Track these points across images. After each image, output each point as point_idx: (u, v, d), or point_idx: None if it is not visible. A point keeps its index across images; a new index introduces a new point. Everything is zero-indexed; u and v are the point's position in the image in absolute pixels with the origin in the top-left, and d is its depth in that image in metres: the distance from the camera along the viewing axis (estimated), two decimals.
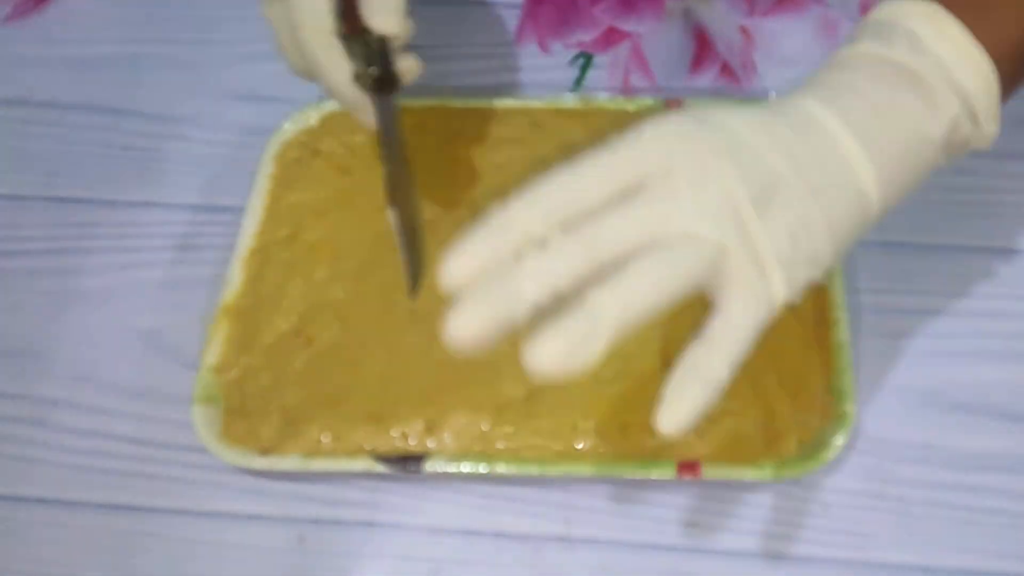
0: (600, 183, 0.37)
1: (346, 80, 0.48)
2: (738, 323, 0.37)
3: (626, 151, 0.37)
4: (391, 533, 0.50)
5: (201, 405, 0.52)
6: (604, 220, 0.36)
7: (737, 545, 0.49)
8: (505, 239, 0.36)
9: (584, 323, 0.35)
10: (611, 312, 0.35)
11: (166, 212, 0.60)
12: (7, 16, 0.70)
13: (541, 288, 0.35)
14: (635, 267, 0.35)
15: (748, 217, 0.37)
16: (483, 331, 0.35)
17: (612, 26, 0.67)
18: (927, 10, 0.41)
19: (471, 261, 0.36)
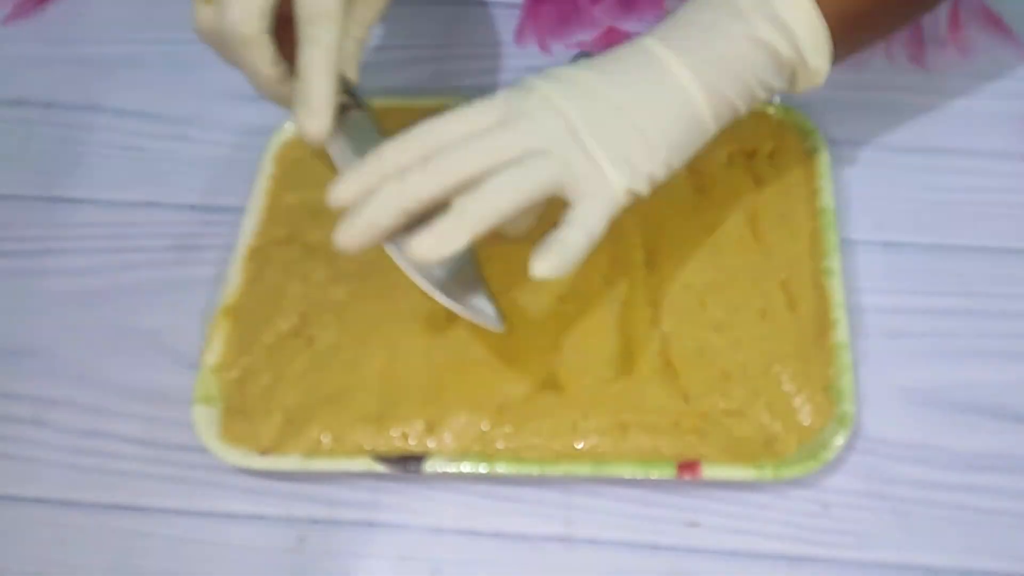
0: (459, 127, 0.45)
1: (270, 65, 0.49)
2: (588, 210, 0.45)
3: (481, 105, 0.46)
4: (391, 533, 0.50)
5: (201, 405, 0.52)
6: (457, 149, 0.44)
7: (737, 545, 0.49)
8: (378, 170, 0.45)
9: (450, 221, 0.43)
10: (471, 210, 0.43)
11: (166, 212, 0.60)
12: (7, 16, 0.70)
13: (402, 197, 0.44)
14: (492, 178, 0.44)
15: (585, 135, 0.45)
16: (357, 236, 0.44)
17: (612, 26, 0.67)
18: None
19: (351, 187, 0.45)
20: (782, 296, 0.54)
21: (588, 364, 0.52)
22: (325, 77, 0.47)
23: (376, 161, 0.45)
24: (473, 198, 0.44)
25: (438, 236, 0.43)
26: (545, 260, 0.43)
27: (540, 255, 0.44)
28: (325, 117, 0.47)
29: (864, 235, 0.57)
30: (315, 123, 0.47)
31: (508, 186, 0.44)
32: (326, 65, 0.47)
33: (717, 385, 0.51)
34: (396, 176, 0.44)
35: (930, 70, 0.64)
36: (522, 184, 0.44)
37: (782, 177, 0.58)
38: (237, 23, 0.47)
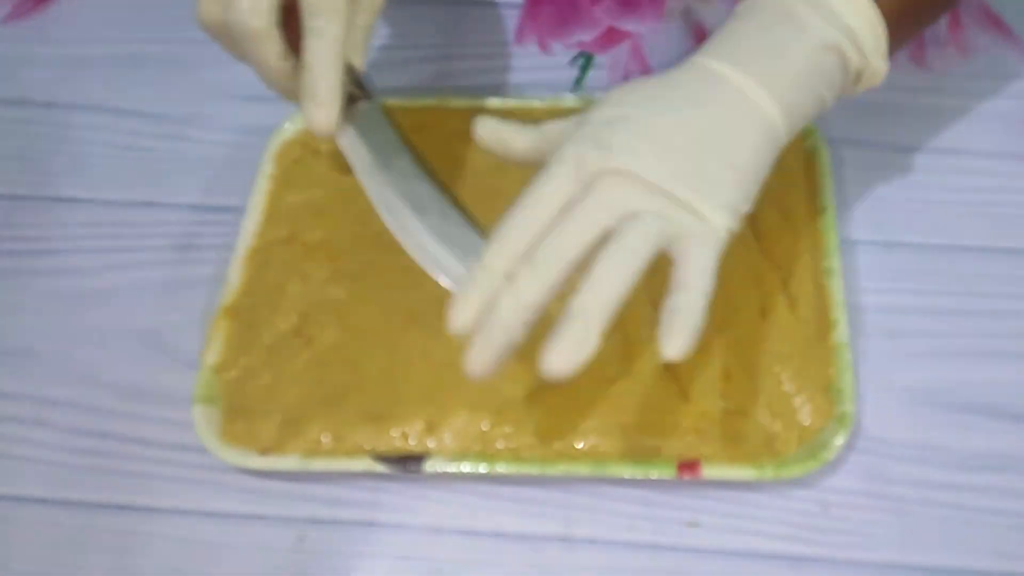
0: (545, 209, 0.44)
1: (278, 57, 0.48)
2: (697, 265, 0.43)
3: (556, 172, 0.44)
4: (391, 533, 0.50)
5: (201, 405, 0.52)
6: (556, 237, 0.43)
7: (737, 545, 0.49)
8: (488, 283, 0.43)
9: (576, 326, 0.42)
10: (593, 308, 0.42)
11: (166, 212, 0.60)
12: (7, 16, 0.70)
13: (522, 313, 0.42)
14: (599, 263, 0.42)
15: (673, 183, 0.43)
16: (490, 362, 0.43)
17: (612, 26, 0.67)
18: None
19: (469, 309, 0.43)
20: (782, 296, 0.54)
21: (588, 364, 0.52)
22: (331, 69, 0.47)
23: (484, 274, 0.43)
24: (591, 295, 0.42)
25: (570, 345, 0.41)
26: (677, 338, 0.42)
27: (669, 334, 0.42)
28: (333, 109, 0.47)
29: (864, 235, 0.57)
30: (323, 116, 0.47)
31: (618, 271, 0.42)
32: (332, 57, 0.47)
33: (717, 385, 0.51)
34: (508, 289, 0.43)
35: (930, 70, 0.64)
36: (631, 263, 0.42)
37: (782, 177, 0.57)
38: (246, 16, 0.46)
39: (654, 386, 0.51)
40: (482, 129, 0.49)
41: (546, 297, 0.43)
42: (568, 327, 0.42)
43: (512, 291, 0.42)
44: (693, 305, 0.42)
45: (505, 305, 0.43)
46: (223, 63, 0.51)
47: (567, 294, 0.43)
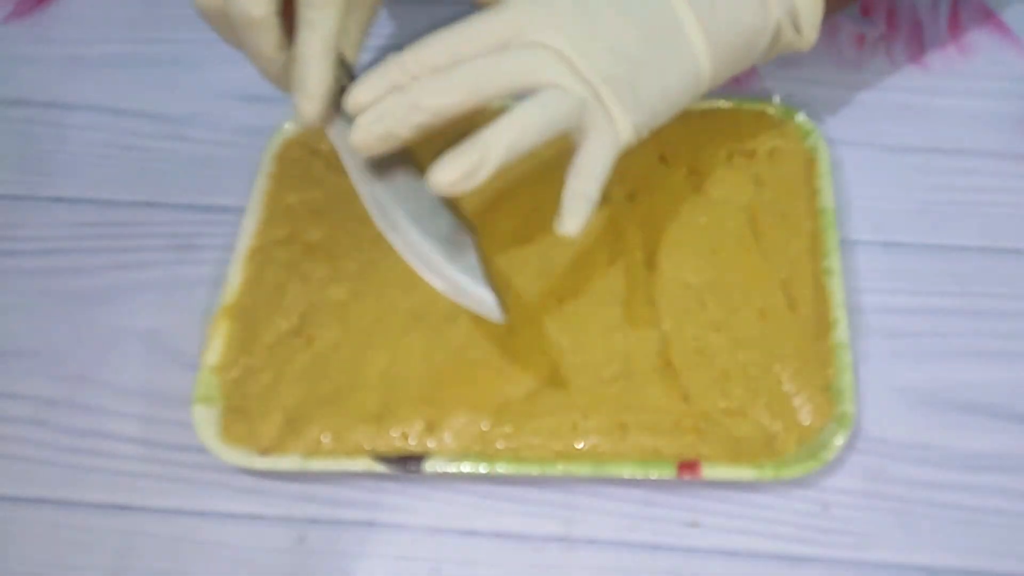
0: (476, 40, 0.46)
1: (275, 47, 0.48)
2: (596, 156, 0.47)
3: (492, 18, 0.46)
4: (391, 533, 0.50)
5: (201, 405, 0.52)
6: (475, 64, 0.45)
7: (737, 545, 0.49)
8: (395, 78, 0.46)
9: (477, 152, 0.45)
10: (494, 142, 0.45)
11: (166, 212, 0.60)
12: (7, 16, 0.70)
13: (412, 110, 0.45)
14: (513, 109, 0.45)
15: (602, 81, 0.47)
16: (361, 139, 0.46)
17: None
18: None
19: (369, 90, 0.46)
20: (782, 296, 0.54)
21: (588, 364, 0.52)
22: (322, 61, 0.47)
23: (395, 67, 0.46)
24: (495, 130, 0.45)
25: (463, 164, 0.44)
26: (574, 217, 0.46)
27: (568, 214, 0.46)
28: (320, 101, 0.47)
29: (864, 235, 0.57)
30: (310, 107, 0.47)
31: (527, 120, 0.45)
32: (323, 49, 0.47)
33: (717, 385, 0.51)
34: (409, 85, 0.45)
35: (930, 70, 0.64)
36: (540, 120, 0.45)
37: (782, 177, 0.58)
38: (246, 4, 0.46)
39: (654, 386, 0.51)
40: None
41: (441, 109, 0.45)
42: (466, 148, 0.44)
43: (412, 88, 0.45)
44: (590, 190, 0.46)
45: (398, 97, 0.45)
46: (223, 63, 0.51)
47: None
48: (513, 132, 0.45)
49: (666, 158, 0.59)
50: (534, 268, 0.55)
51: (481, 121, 0.47)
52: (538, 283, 0.54)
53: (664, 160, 0.58)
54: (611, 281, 0.54)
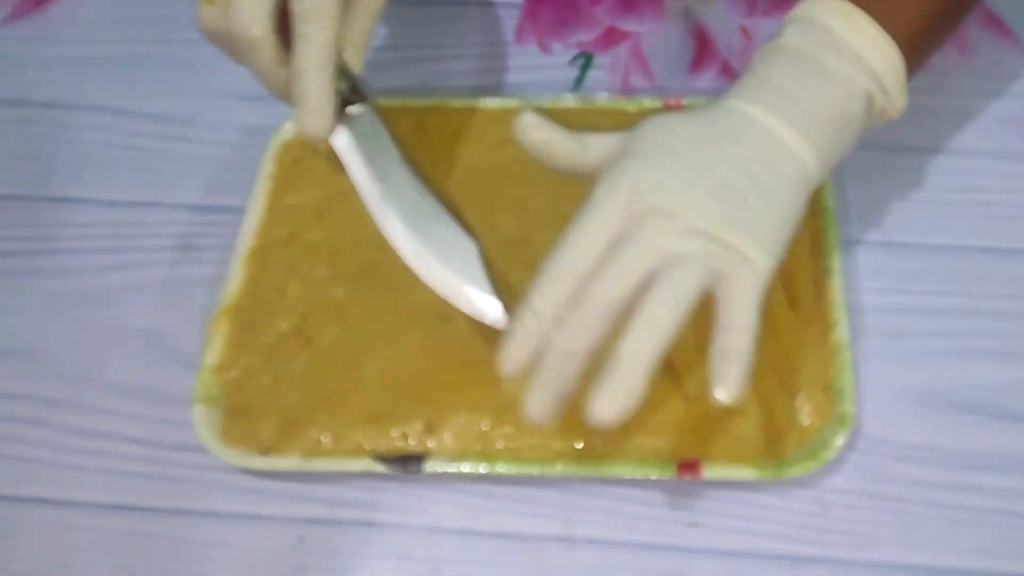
0: (590, 247, 0.44)
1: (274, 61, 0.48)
2: (742, 305, 0.44)
3: (598, 210, 0.45)
4: (391, 533, 0.50)
5: (201, 405, 0.52)
6: (602, 282, 0.43)
7: (737, 545, 0.49)
8: (536, 327, 0.44)
9: (622, 373, 0.42)
10: (639, 354, 0.42)
11: (166, 212, 0.60)
12: (7, 16, 0.70)
13: (574, 360, 0.43)
14: (645, 309, 0.43)
15: (716, 225, 0.44)
16: (548, 409, 0.44)
17: (612, 26, 0.67)
18: (838, 6, 0.48)
19: (518, 355, 0.44)
20: (782, 296, 0.54)
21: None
22: (321, 75, 0.47)
23: (532, 318, 0.44)
24: (636, 340, 0.42)
25: (617, 392, 0.42)
26: (728, 382, 0.43)
27: (721, 377, 0.43)
28: (323, 116, 0.47)
29: (864, 235, 0.57)
30: (314, 123, 0.47)
31: (663, 315, 0.43)
32: (321, 63, 0.47)
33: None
34: (558, 335, 0.43)
35: (930, 70, 0.64)
36: (676, 307, 0.43)
37: None
38: (244, 24, 0.46)
39: (654, 386, 0.51)
40: (522, 124, 0.49)
41: (595, 342, 0.43)
42: (613, 374, 0.42)
43: (562, 338, 0.43)
44: (742, 346, 0.43)
45: (556, 353, 0.43)
46: (223, 63, 0.51)
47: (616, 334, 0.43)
48: (652, 341, 0.42)
49: None
50: (534, 268, 0.55)
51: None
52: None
53: None
54: None
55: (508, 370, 0.44)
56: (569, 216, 0.56)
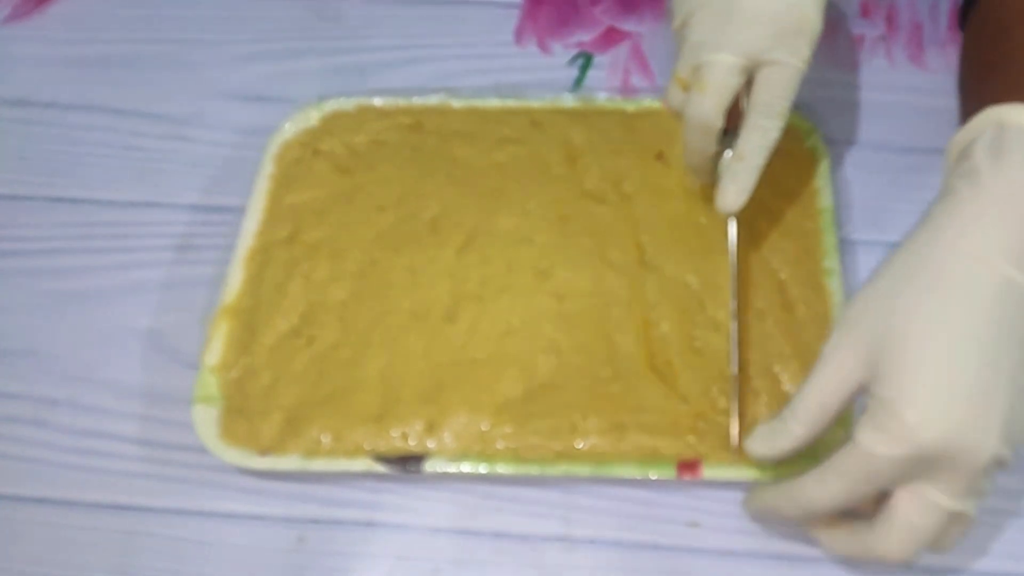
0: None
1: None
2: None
3: (829, 365, 0.44)
4: (391, 533, 0.50)
5: (201, 405, 0.52)
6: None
7: (737, 545, 0.49)
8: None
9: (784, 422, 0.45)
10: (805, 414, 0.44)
11: (166, 212, 0.60)
12: (7, 16, 0.70)
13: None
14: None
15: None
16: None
17: (612, 26, 0.67)
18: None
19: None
20: (781, 296, 0.54)
21: (587, 364, 0.52)
22: (762, 163, 0.51)
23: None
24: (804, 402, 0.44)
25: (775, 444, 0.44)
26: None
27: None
28: (746, 195, 0.51)
29: (864, 235, 0.57)
30: (738, 199, 0.51)
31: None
32: (767, 154, 0.51)
33: (716, 385, 0.51)
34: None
35: (930, 70, 0.64)
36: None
37: (782, 177, 0.58)
38: (706, 116, 0.50)
39: (653, 386, 0.51)
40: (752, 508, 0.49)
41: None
42: (779, 425, 0.44)
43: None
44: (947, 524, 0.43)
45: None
46: (223, 63, 0.51)
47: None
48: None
49: (665, 157, 0.59)
50: (534, 268, 0.55)
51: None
52: (537, 283, 0.54)
53: (663, 160, 0.59)
54: (610, 281, 0.54)
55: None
56: (569, 216, 0.57)
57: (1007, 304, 0.42)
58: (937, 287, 0.43)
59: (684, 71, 0.51)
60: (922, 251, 0.44)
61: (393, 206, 0.58)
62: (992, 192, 0.44)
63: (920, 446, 0.41)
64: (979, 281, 0.43)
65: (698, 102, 0.50)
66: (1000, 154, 0.45)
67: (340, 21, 0.68)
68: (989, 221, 0.44)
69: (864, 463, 0.42)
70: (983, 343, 0.42)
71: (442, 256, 0.55)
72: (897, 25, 0.66)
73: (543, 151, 0.59)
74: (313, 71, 0.66)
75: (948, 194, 0.45)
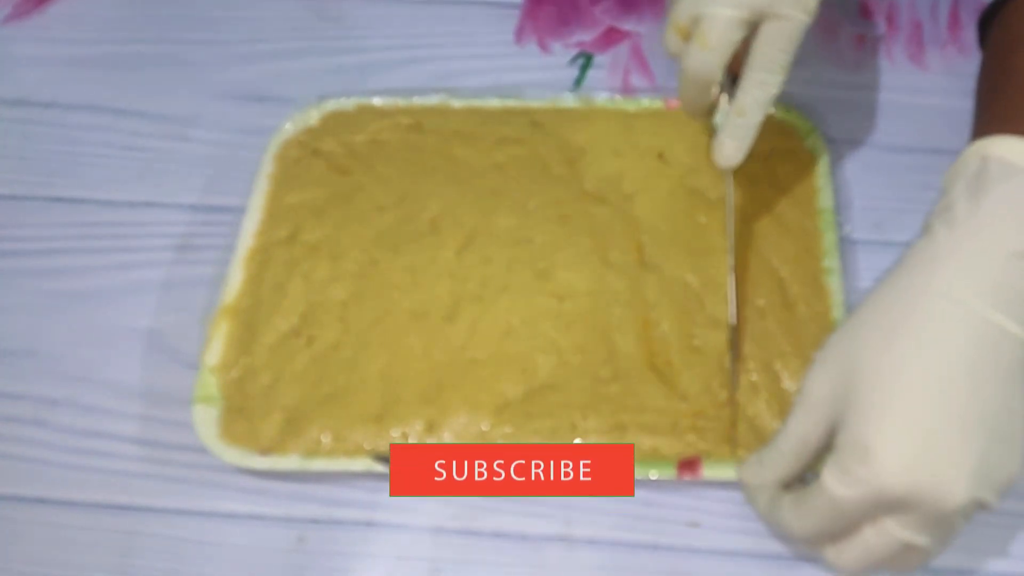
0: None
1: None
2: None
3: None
4: (391, 533, 0.50)
5: (201, 405, 0.52)
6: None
7: (737, 545, 0.49)
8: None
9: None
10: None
11: (166, 212, 0.60)
12: (7, 16, 0.70)
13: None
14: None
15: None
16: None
17: (612, 26, 0.67)
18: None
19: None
20: (781, 295, 0.54)
21: (587, 364, 0.52)
22: (761, 117, 0.50)
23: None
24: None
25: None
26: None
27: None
28: (745, 150, 0.51)
29: (864, 235, 0.57)
30: (738, 156, 0.51)
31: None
32: (766, 108, 0.50)
33: (716, 383, 0.51)
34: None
35: (930, 70, 0.64)
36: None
37: (782, 176, 0.58)
38: (705, 71, 0.50)
39: (653, 386, 0.51)
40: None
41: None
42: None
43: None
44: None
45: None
46: (223, 63, 0.51)
47: None
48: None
49: (665, 157, 0.59)
50: (534, 268, 0.55)
51: None
52: (537, 283, 0.54)
53: (663, 159, 0.59)
54: (610, 281, 0.54)
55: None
56: (569, 216, 0.57)
57: (983, 346, 0.41)
58: (908, 328, 0.42)
59: (683, 18, 0.50)
60: (897, 292, 0.43)
61: (393, 206, 0.58)
62: (966, 231, 0.43)
63: (882, 490, 0.40)
64: (953, 322, 0.41)
65: (698, 57, 0.50)
66: (978, 191, 0.43)
67: (340, 21, 0.68)
68: (963, 261, 0.42)
69: (828, 503, 0.41)
70: (955, 385, 0.41)
71: (442, 256, 0.55)
72: (897, 25, 0.66)
73: (543, 151, 0.59)
74: (313, 71, 0.66)
75: (925, 233, 0.45)
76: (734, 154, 0.51)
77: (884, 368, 0.41)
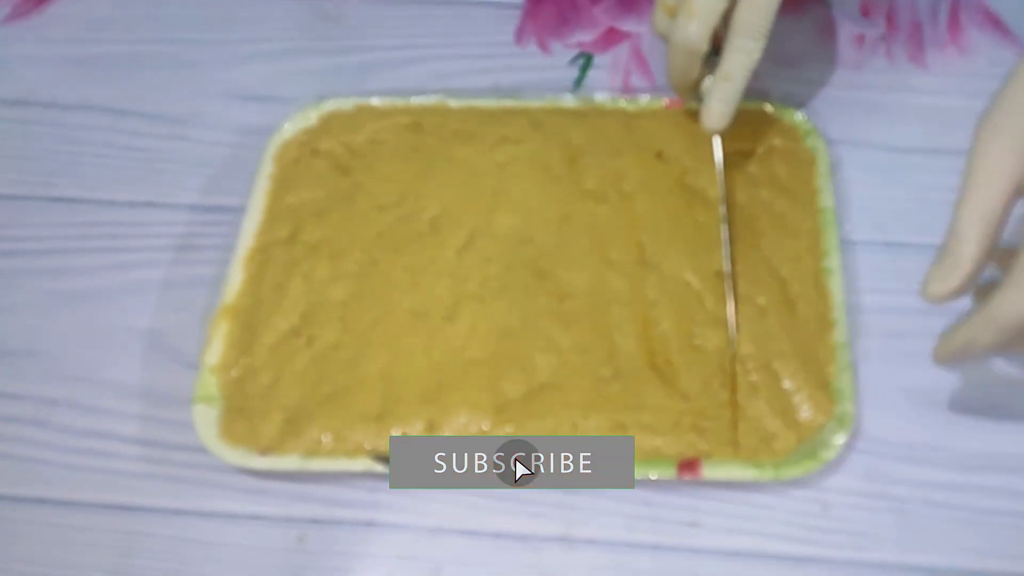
0: None
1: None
2: None
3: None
4: (391, 533, 0.50)
5: (201, 405, 0.52)
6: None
7: (737, 545, 0.49)
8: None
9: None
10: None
11: (166, 212, 0.60)
12: (7, 16, 0.70)
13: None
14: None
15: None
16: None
17: (612, 26, 0.67)
18: None
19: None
20: (782, 295, 0.54)
21: (587, 364, 0.52)
22: (744, 83, 0.54)
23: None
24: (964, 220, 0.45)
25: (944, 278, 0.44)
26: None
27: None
28: (731, 115, 0.54)
29: (864, 235, 0.57)
30: (725, 120, 0.54)
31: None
32: (749, 74, 0.53)
33: (716, 383, 0.51)
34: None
35: (930, 70, 0.64)
36: None
37: (781, 176, 0.58)
38: (692, 40, 0.53)
39: (654, 386, 0.51)
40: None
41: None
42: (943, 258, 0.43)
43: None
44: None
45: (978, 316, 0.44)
46: (223, 63, 0.51)
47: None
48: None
49: (664, 157, 0.59)
50: (534, 267, 0.55)
51: None
52: (537, 283, 0.54)
53: (662, 159, 0.59)
54: (610, 281, 0.54)
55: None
56: (569, 216, 0.57)
57: None
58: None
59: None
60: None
61: (393, 206, 0.58)
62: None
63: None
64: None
65: (684, 27, 0.53)
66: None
67: (340, 21, 0.68)
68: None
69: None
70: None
71: (442, 256, 0.55)
72: (897, 25, 0.66)
73: (543, 151, 0.59)
74: (313, 71, 0.66)
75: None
76: (720, 118, 0.54)
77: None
